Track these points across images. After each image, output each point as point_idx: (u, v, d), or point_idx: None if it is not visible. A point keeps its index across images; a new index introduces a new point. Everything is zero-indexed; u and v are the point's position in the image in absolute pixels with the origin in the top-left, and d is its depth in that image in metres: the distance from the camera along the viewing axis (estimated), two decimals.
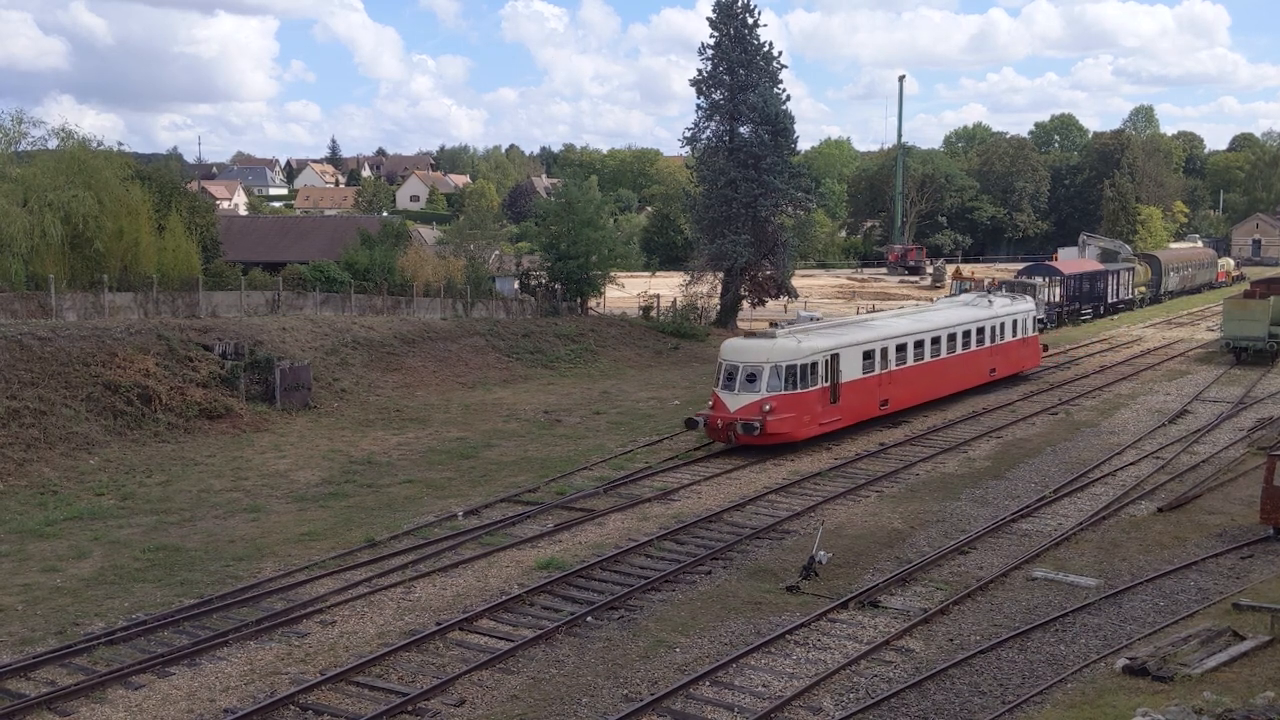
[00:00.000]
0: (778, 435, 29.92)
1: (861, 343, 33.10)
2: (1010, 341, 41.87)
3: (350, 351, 40.56)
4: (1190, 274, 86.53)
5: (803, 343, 30.83)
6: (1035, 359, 44.60)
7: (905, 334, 35.40)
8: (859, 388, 32.70)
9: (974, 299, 43.15)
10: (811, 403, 30.68)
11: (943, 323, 37.81)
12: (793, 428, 30.18)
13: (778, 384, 29.94)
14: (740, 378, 30.34)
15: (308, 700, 15.48)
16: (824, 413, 31.27)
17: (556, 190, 68.50)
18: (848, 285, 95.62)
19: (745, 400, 29.92)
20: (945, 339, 37.49)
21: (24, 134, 41.43)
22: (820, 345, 31.23)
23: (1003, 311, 41.74)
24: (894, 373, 34.41)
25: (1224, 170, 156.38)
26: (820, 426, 31.16)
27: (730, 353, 31.22)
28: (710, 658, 16.97)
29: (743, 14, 56.38)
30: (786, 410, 29.92)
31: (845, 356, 32.05)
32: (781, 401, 29.86)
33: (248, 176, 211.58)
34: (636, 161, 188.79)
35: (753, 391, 29.96)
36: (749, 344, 31.40)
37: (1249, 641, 16.40)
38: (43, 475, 27.17)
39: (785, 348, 30.46)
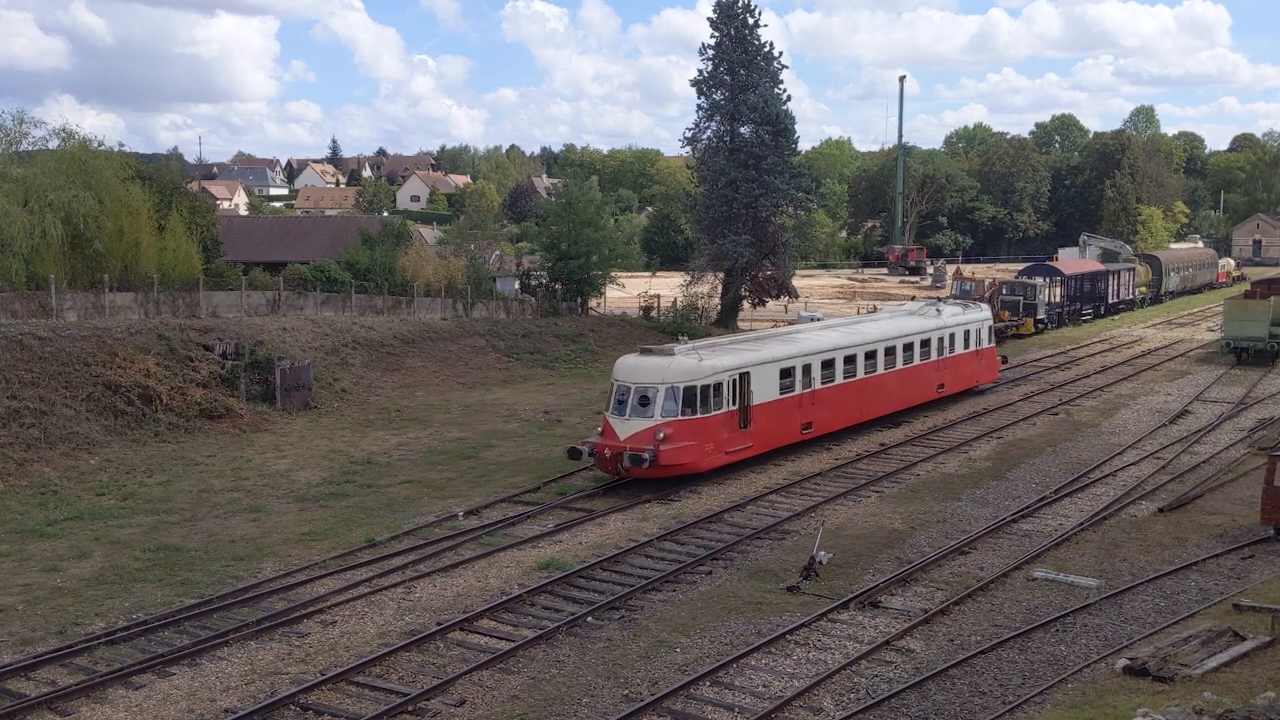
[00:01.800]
0: (674, 466, 26.32)
1: (778, 359, 29.63)
2: (962, 354, 38.80)
3: (350, 352, 40.57)
4: (1191, 274, 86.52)
5: (704, 360, 27.39)
6: (991, 372, 41.72)
7: (833, 348, 31.94)
8: (775, 410, 29.29)
9: (921, 307, 39.91)
10: (715, 429, 27.16)
11: (879, 335, 34.31)
12: (693, 457, 26.62)
13: (674, 408, 26.42)
14: (632, 401, 26.75)
15: (308, 700, 15.48)
16: (731, 439, 27.74)
17: (557, 190, 68.48)
18: (848, 285, 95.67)
19: (637, 427, 26.31)
20: (882, 353, 34.11)
21: (25, 134, 41.53)
22: (725, 363, 27.78)
23: (952, 321, 38.37)
24: (819, 392, 31.01)
25: (1225, 171, 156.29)
26: (726, 455, 27.66)
27: (622, 372, 27.54)
28: (711, 658, 16.96)
29: (743, 14, 56.40)
30: (684, 438, 26.40)
31: (757, 375, 28.59)
32: (679, 428, 26.35)
33: (248, 176, 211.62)
34: (637, 162, 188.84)
35: (645, 417, 26.42)
36: (643, 362, 27.50)
37: (1250, 642, 16.39)
38: (43, 475, 27.17)
39: (683, 366, 26.97)
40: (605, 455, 26.45)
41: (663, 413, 26.41)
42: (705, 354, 28.02)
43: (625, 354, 29.64)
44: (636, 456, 25.65)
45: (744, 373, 28.14)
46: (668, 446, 26.06)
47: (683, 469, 26.59)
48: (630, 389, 26.97)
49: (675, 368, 26.95)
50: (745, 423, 28.22)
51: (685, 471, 26.68)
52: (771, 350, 29.85)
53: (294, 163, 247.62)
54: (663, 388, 26.62)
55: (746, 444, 28.34)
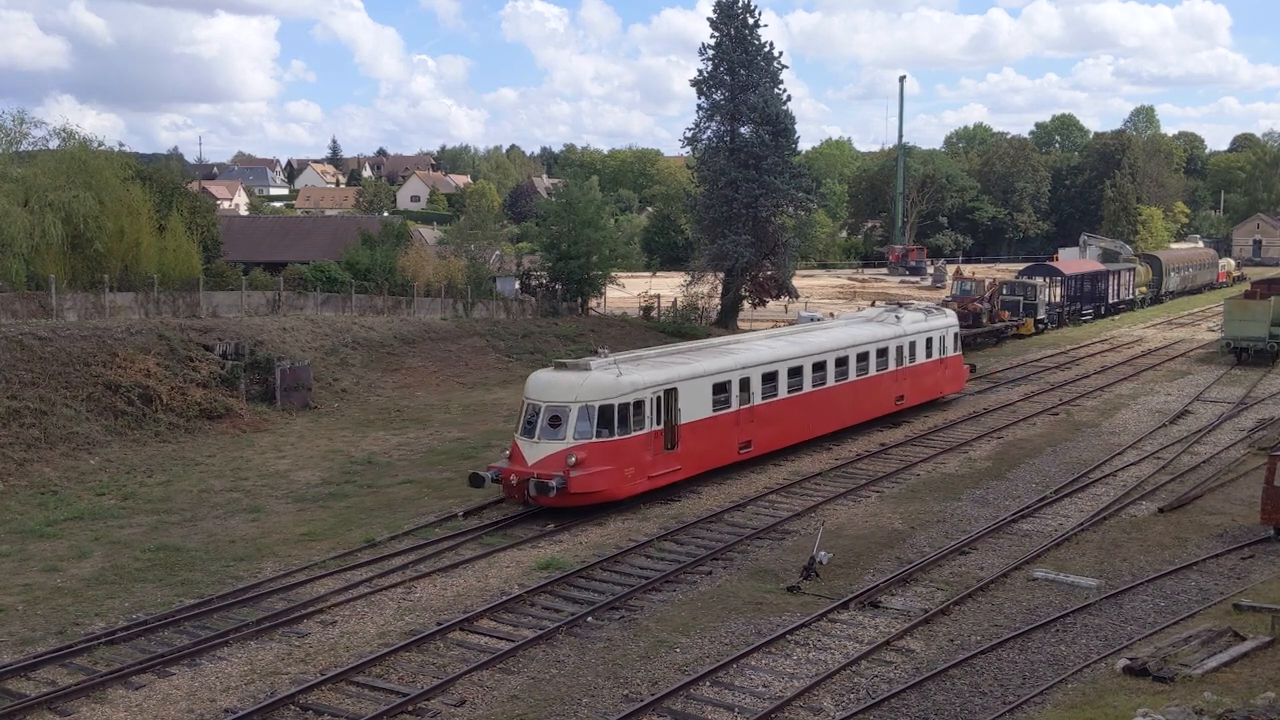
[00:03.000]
0: (586, 494, 24.02)
1: (710, 373, 27.23)
2: (924, 363, 36.49)
3: (350, 352, 40.58)
4: (1191, 274, 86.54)
5: (624, 376, 24.97)
6: (958, 382, 39.53)
7: (775, 360, 29.51)
8: (707, 429, 26.97)
9: (880, 314, 37.51)
10: (635, 451, 24.79)
11: (829, 345, 31.99)
12: (609, 483, 24.24)
13: (588, 429, 24.14)
14: (542, 421, 24.41)
15: (308, 700, 15.48)
16: (655, 462, 25.37)
17: (557, 190, 68.52)
18: (849, 285, 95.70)
19: (547, 450, 23.96)
20: (833, 364, 31.79)
21: (25, 134, 41.57)
22: (648, 379, 25.39)
23: (913, 329, 36.01)
24: (759, 408, 28.70)
25: (1225, 171, 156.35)
26: (650, 480, 25.27)
27: (533, 389, 25.19)
28: (711, 658, 16.97)
29: (743, 14, 56.41)
30: (599, 462, 24.03)
31: (686, 391, 26.21)
32: (593, 451, 24.00)
33: (248, 176, 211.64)
34: (637, 162, 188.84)
35: (556, 439, 24.08)
36: (556, 378, 25.20)
37: (1250, 642, 16.39)
38: (43, 475, 27.17)
39: (599, 383, 24.61)
40: (511, 482, 23.97)
41: (575, 434, 24.08)
42: (626, 368, 25.61)
43: (550, 365, 27.08)
44: (543, 484, 23.26)
45: (670, 389, 25.78)
46: (580, 472, 23.72)
47: (597, 496, 24.19)
48: (540, 408, 24.62)
49: (590, 384, 24.54)
50: (672, 443, 25.81)
51: (600, 499, 24.30)
52: (703, 363, 27.46)
53: (294, 163, 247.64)
54: (575, 407, 24.20)
55: (673, 467, 25.94)
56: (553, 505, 23.98)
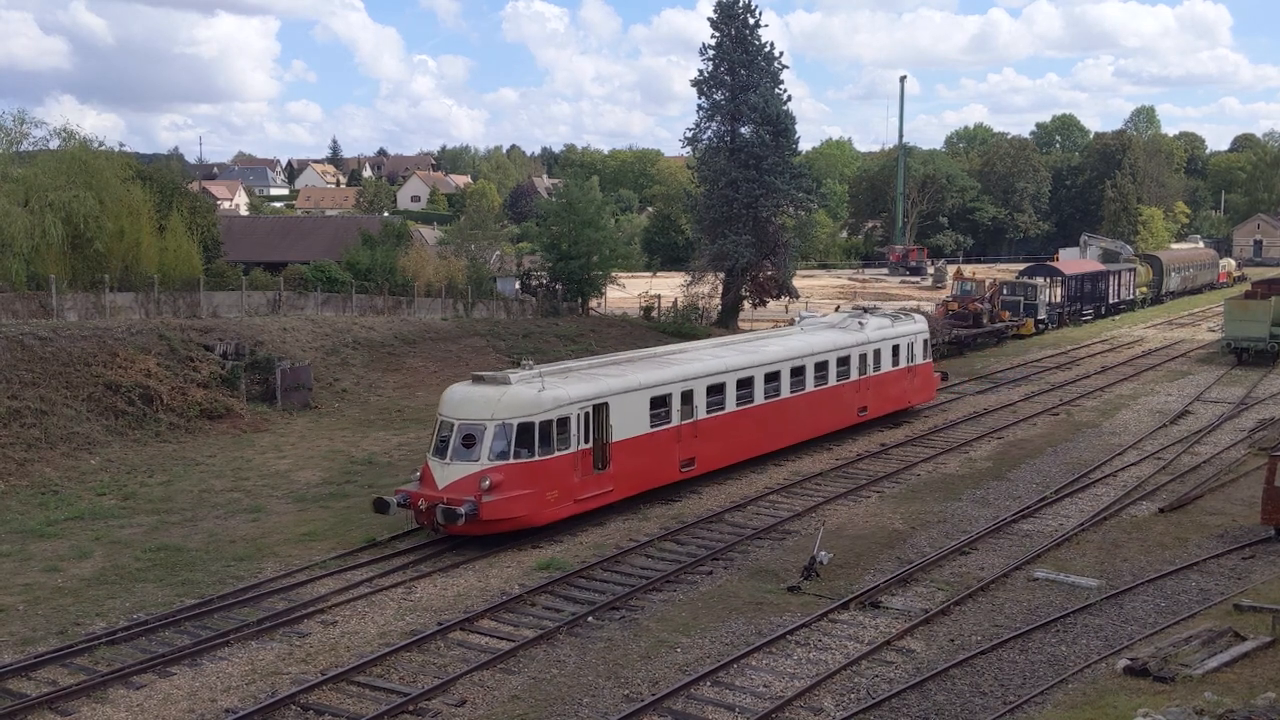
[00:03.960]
0: (501, 521, 21.89)
1: (647, 386, 25.24)
2: (889, 372, 34.65)
3: (351, 352, 40.59)
4: (1192, 274, 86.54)
5: (547, 391, 22.89)
6: (928, 391, 37.55)
7: (722, 371, 27.63)
8: (643, 446, 25.02)
9: (843, 320, 35.40)
10: (560, 473, 22.78)
11: (783, 354, 30.08)
12: (528, 509, 22.18)
13: (504, 449, 22.09)
14: (455, 441, 22.42)
15: (309, 700, 15.49)
16: (583, 484, 23.35)
17: (558, 191, 68.51)
18: (849, 286, 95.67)
19: (459, 473, 21.96)
20: (787, 374, 29.91)
21: (25, 134, 41.60)
22: (575, 393, 23.34)
23: (877, 336, 34.15)
24: (704, 423, 26.77)
25: (1225, 171, 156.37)
26: (576, 504, 23.27)
27: (447, 405, 23.21)
28: (711, 658, 16.97)
29: (744, 14, 56.41)
30: (518, 485, 22.03)
31: (620, 406, 24.25)
32: (510, 474, 21.96)
33: (249, 177, 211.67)
34: (638, 162, 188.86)
35: (469, 460, 22.08)
36: (471, 393, 23.16)
37: (1250, 642, 16.39)
38: (44, 475, 27.18)
39: (519, 398, 22.60)
40: (420, 507, 21.96)
41: (490, 455, 22.04)
42: (551, 382, 23.60)
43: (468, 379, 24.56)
44: (450, 511, 21.13)
45: (601, 403, 23.80)
46: (494, 497, 21.66)
47: (515, 523, 22.16)
48: (454, 426, 22.58)
49: (508, 400, 22.56)
50: (603, 463, 23.89)
51: (518, 526, 22.29)
52: (640, 375, 25.46)
53: (294, 163, 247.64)
54: (491, 424, 22.19)
55: (604, 488, 24.00)
56: (463, 533, 21.93)
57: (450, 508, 21.23)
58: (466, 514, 21.23)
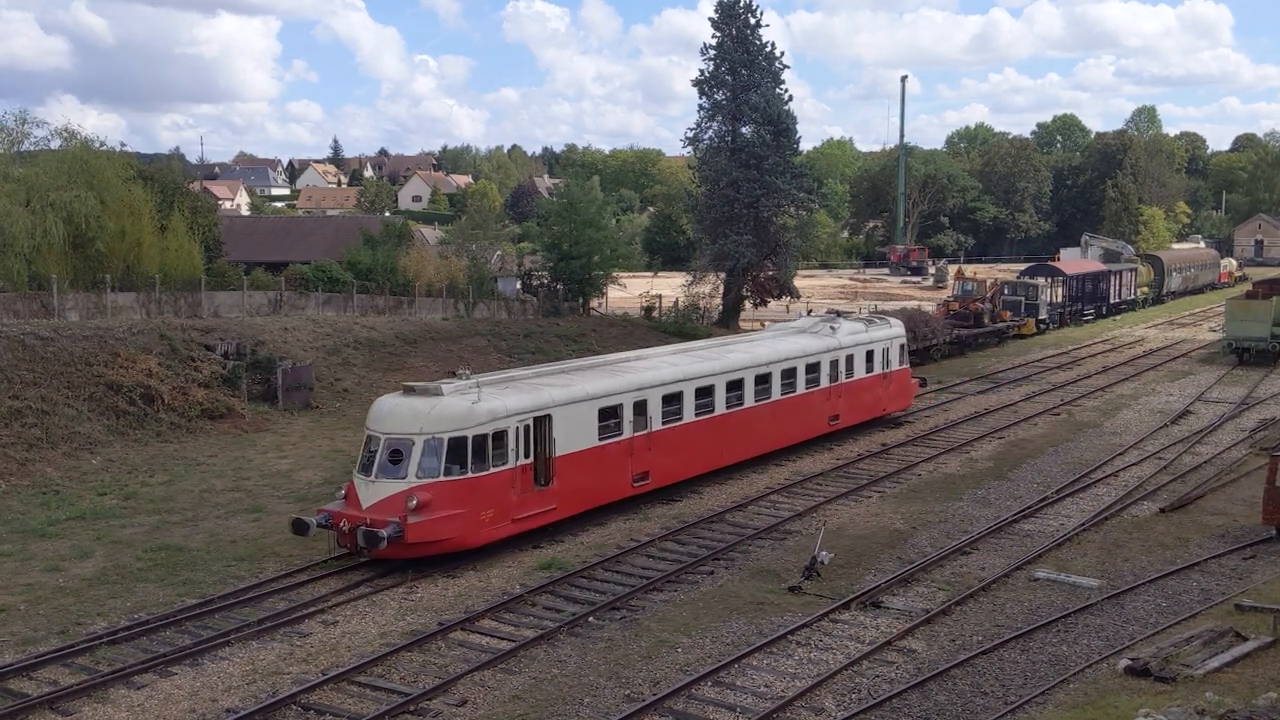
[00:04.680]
0: (429, 544, 20.37)
1: (595, 396, 23.77)
2: (863, 379, 33.31)
3: (352, 352, 40.60)
4: (1193, 274, 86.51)
5: (482, 402, 21.34)
6: (905, 398, 36.20)
7: (679, 379, 26.24)
8: (591, 460, 23.56)
9: (814, 324, 34.02)
10: (496, 490, 21.24)
11: (747, 361, 28.76)
12: (460, 530, 20.65)
13: (434, 465, 20.60)
14: (381, 456, 20.89)
15: (310, 700, 15.49)
16: (522, 502, 21.82)
17: (559, 190, 68.52)
18: (850, 286, 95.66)
19: (384, 491, 20.43)
20: (751, 382, 28.61)
21: (27, 134, 41.58)
22: (514, 404, 21.84)
23: (850, 341, 32.79)
24: (659, 434, 25.40)
25: (1226, 171, 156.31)
26: (515, 524, 21.77)
27: (375, 418, 21.74)
28: (712, 658, 16.97)
29: (745, 14, 56.37)
30: (448, 504, 20.48)
31: (564, 417, 22.79)
32: (440, 492, 20.45)
33: (250, 177, 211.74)
34: (638, 162, 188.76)
35: (395, 477, 20.56)
36: (401, 405, 21.64)
37: (1251, 642, 16.39)
38: (45, 475, 27.19)
39: (451, 410, 21.05)
40: (343, 528, 20.40)
41: (419, 472, 20.54)
42: (490, 392, 22.04)
43: (398, 390, 23.31)
44: (372, 534, 19.62)
45: (543, 415, 22.33)
46: (422, 517, 20.15)
47: (444, 545, 20.62)
48: (380, 441, 21.06)
49: (439, 412, 21.01)
50: (546, 478, 22.48)
51: (449, 549, 20.77)
52: (587, 385, 23.97)
53: (295, 163, 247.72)
54: (420, 439, 20.69)
55: (546, 506, 22.54)
56: (387, 557, 20.43)
57: (372, 530, 19.70)
58: (389, 537, 19.70)
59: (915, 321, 48.18)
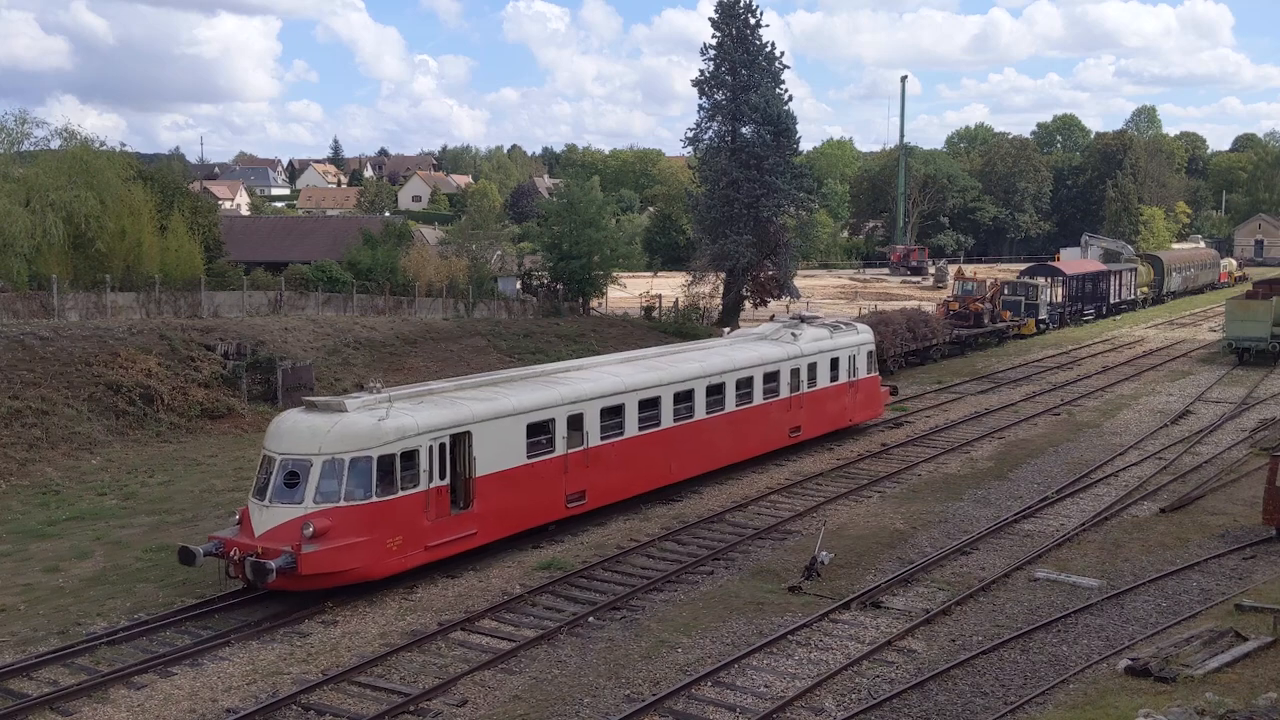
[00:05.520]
0: (327, 575, 18.63)
1: (523, 410, 21.94)
2: (827, 388, 31.66)
3: (352, 352, 40.59)
4: (1193, 274, 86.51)
5: (390, 419, 19.56)
6: (873, 407, 34.37)
7: (621, 391, 24.41)
8: (518, 480, 21.75)
9: (775, 330, 32.09)
10: (406, 515, 19.47)
11: (697, 370, 26.93)
12: (363, 559, 18.91)
13: (334, 489, 18.84)
14: (276, 479, 19.09)
15: (310, 700, 15.49)
16: (436, 528, 20.03)
17: (559, 190, 68.51)
18: (850, 286, 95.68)
19: (279, 517, 18.65)
20: (702, 392, 26.84)
21: (27, 134, 41.52)
22: (427, 421, 20.03)
23: (812, 348, 31.10)
24: (598, 450, 23.59)
25: (1227, 171, 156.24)
26: (428, 551, 19.96)
27: (271, 436, 20.02)
28: (712, 658, 16.97)
29: (745, 14, 56.41)
30: (349, 531, 18.73)
31: (486, 434, 20.98)
32: (341, 518, 18.69)
33: (250, 177, 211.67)
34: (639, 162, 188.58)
35: (291, 502, 18.77)
36: (300, 421, 19.82)
37: (1252, 642, 16.37)
38: (45, 475, 27.19)
39: (354, 428, 19.27)
40: (234, 557, 18.63)
41: (317, 496, 18.78)
42: (401, 408, 20.27)
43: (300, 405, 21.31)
44: (260, 565, 17.86)
45: (461, 432, 20.54)
46: (318, 546, 18.38)
47: (345, 576, 18.90)
48: (276, 461, 19.28)
49: (340, 430, 19.22)
50: (465, 501, 20.78)
51: (349, 580, 19.04)
52: (514, 398, 22.12)
53: (295, 163, 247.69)
54: (319, 460, 18.91)
55: (465, 531, 20.70)
56: (280, 589, 18.68)
57: (260, 561, 17.92)
58: (280, 568, 17.95)
59: (915, 321, 48.23)
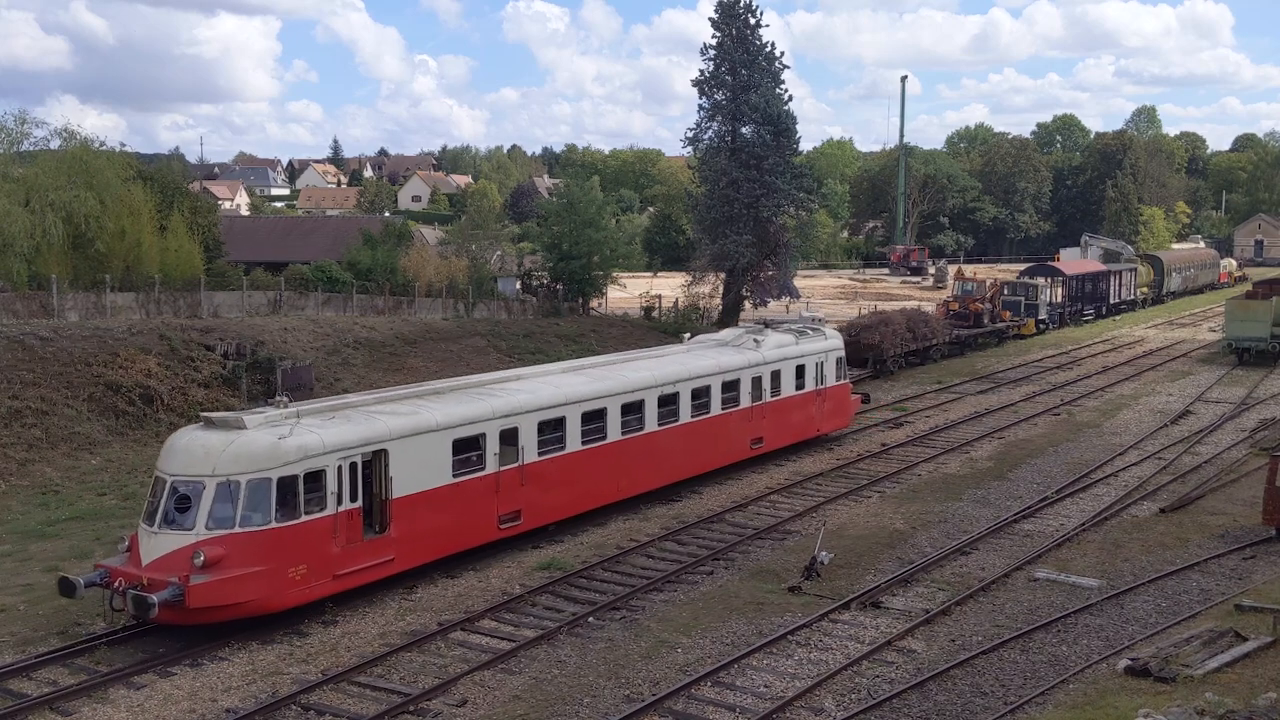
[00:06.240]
0: (220, 609, 17.15)
1: (448, 425, 20.41)
2: (792, 397, 30.24)
3: (352, 352, 40.58)
4: (1193, 275, 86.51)
5: (292, 437, 18.05)
6: (842, 416, 32.94)
7: (559, 403, 22.95)
8: (442, 501, 20.25)
9: (737, 337, 30.56)
10: (310, 542, 17.95)
11: (648, 380, 25.45)
12: (262, 590, 17.40)
13: (229, 514, 17.34)
14: (166, 503, 17.65)
15: (309, 700, 15.50)
16: (346, 555, 18.54)
17: (558, 190, 68.54)
18: (850, 286, 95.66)
19: (168, 545, 17.17)
20: (653, 403, 25.38)
21: (27, 134, 41.47)
22: (335, 438, 18.53)
23: (775, 355, 29.73)
24: (534, 467, 22.15)
25: (1226, 171, 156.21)
26: (336, 580, 18.46)
27: (164, 455, 18.52)
28: (712, 658, 16.98)
29: (745, 14, 56.35)
30: (245, 560, 17.22)
31: (405, 452, 19.49)
32: (235, 546, 17.20)
33: (250, 177, 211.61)
34: (638, 162, 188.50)
35: (182, 528, 17.30)
36: (194, 440, 18.28)
37: (1251, 642, 16.38)
38: (45, 475, 27.19)
39: (251, 447, 17.79)
40: (119, 589, 17.06)
41: (210, 522, 17.27)
42: (308, 424, 18.70)
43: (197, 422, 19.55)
44: (141, 599, 16.46)
45: (376, 450, 19.08)
46: (209, 577, 16.86)
47: (241, 610, 17.37)
48: (166, 482, 17.85)
49: (237, 450, 17.70)
50: (381, 525, 19.28)
51: (246, 613, 17.49)
52: (437, 413, 20.56)
53: (295, 163, 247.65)
54: (212, 482, 17.42)
55: (380, 558, 19.20)
56: (169, 623, 17.14)
57: (142, 595, 16.46)
58: (163, 602, 16.46)
59: (915, 321, 48.23)
